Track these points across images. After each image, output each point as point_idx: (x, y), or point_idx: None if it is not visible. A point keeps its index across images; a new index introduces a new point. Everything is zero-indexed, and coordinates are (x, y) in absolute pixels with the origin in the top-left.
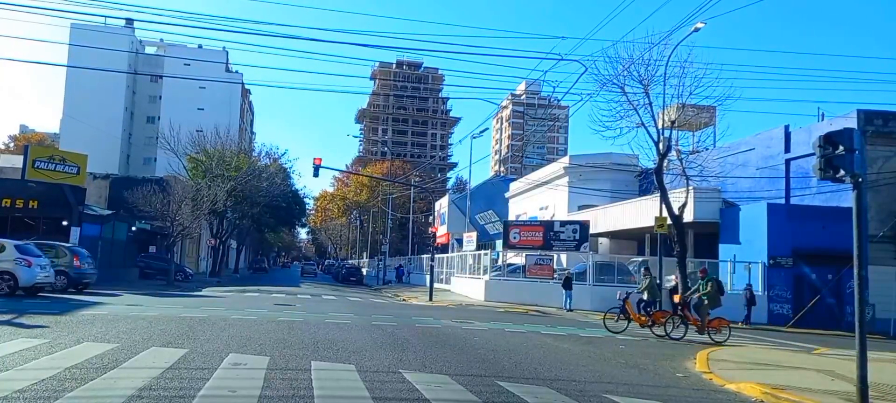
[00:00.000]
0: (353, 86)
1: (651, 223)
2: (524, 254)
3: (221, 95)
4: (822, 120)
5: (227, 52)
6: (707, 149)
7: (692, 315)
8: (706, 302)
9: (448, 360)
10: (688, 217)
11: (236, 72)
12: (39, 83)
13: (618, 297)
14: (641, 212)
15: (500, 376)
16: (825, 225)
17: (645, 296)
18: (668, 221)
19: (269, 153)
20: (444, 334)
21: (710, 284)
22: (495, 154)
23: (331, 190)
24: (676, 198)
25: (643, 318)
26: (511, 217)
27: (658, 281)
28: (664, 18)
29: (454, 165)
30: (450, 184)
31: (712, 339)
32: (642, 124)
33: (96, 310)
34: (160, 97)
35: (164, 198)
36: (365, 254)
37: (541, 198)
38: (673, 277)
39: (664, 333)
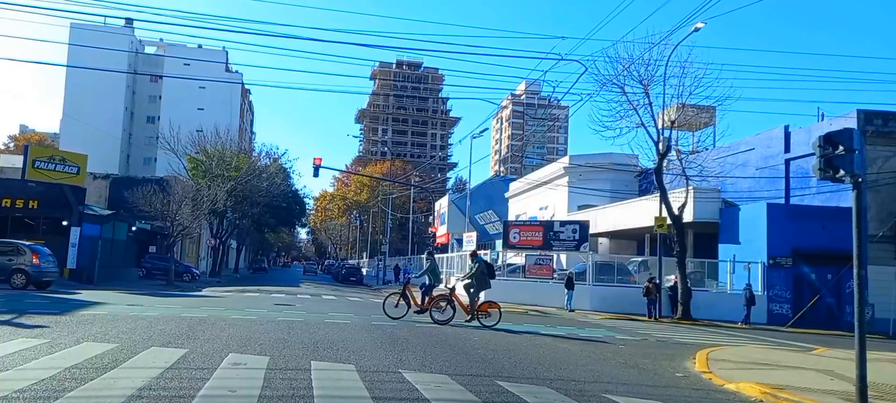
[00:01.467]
0: (353, 86)
1: (651, 223)
2: (524, 254)
3: (221, 95)
4: (822, 120)
5: (227, 52)
6: (707, 149)
7: (461, 298)
8: (473, 284)
9: (448, 360)
10: (687, 217)
11: (236, 72)
12: (39, 83)
13: (399, 281)
14: (641, 212)
15: (499, 376)
16: (825, 225)
17: (427, 280)
18: (668, 221)
19: (269, 153)
20: (443, 334)
21: (477, 266)
22: (495, 154)
23: (331, 190)
24: (676, 198)
25: (442, 303)
26: (511, 217)
27: (657, 277)
28: (664, 18)
29: (454, 165)
30: (450, 184)
31: (481, 324)
32: (642, 124)
33: (96, 310)
34: (160, 97)
35: (164, 198)
36: (365, 254)
37: (541, 197)
38: (672, 277)
39: (431, 318)
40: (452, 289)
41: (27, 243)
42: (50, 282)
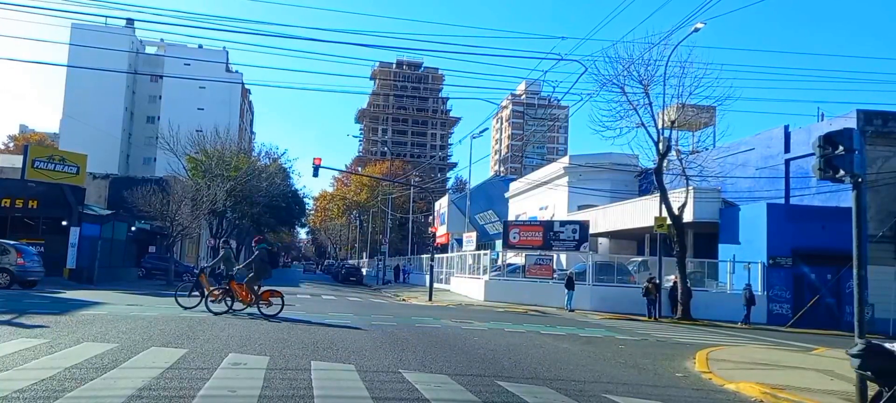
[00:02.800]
0: (353, 86)
1: (651, 223)
2: (524, 254)
3: (221, 95)
4: (822, 120)
5: (227, 52)
6: (707, 149)
7: (240, 286)
8: (252, 272)
9: (447, 360)
10: (687, 217)
11: (236, 72)
12: (39, 83)
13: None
14: (641, 212)
15: (499, 376)
16: (824, 225)
17: (220, 268)
18: (668, 221)
19: (269, 153)
20: (443, 334)
21: (257, 254)
22: (495, 154)
23: (330, 190)
24: (676, 198)
25: (217, 292)
26: (511, 217)
27: (657, 277)
28: (664, 19)
29: (454, 165)
30: (450, 184)
31: (262, 313)
32: (642, 124)
33: (96, 310)
34: (160, 97)
35: (163, 198)
36: (365, 254)
37: (541, 197)
38: (672, 277)
39: (207, 308)
40: (231, 278)
41: (11, 242)
42: (35, 282)
